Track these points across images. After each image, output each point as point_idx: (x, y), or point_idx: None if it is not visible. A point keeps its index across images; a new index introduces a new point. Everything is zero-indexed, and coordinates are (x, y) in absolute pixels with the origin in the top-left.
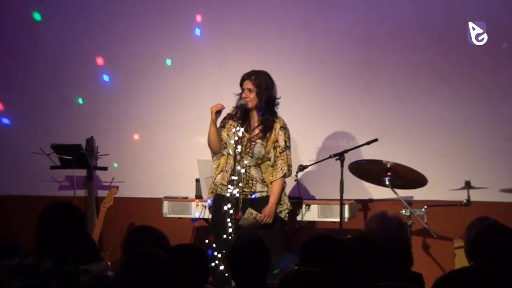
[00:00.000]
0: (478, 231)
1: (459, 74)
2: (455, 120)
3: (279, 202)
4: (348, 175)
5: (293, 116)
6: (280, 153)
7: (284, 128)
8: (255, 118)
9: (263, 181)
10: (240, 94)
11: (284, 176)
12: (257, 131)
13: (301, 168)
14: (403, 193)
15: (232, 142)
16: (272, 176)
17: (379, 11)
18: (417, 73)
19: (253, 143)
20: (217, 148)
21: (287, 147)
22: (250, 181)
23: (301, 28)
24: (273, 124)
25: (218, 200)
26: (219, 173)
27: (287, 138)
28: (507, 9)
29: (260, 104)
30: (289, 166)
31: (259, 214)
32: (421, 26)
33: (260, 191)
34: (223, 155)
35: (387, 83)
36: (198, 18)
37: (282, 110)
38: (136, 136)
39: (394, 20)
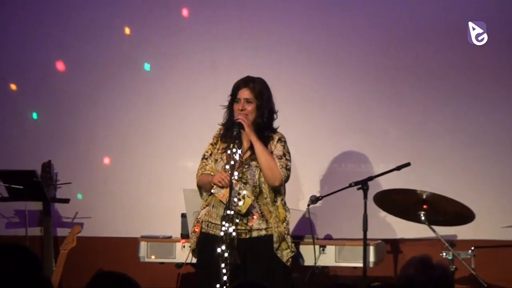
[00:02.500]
0: None
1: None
2: (503, 138)
3: (255, 147)
4: (373, 208)
5: (304, 134)
6: (279, 159)
7: (281, 140)
8: (247, 136)
9: (262, 216)
10: (229, 105)
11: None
12: (249, 152)
13: (314, 199)
14: (443, 231)
15: (228, 167)
16: None
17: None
18: (455, 79)
19: (246, 166)
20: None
21: (287, 159)
22: (246, 217)
23: (317, 30)
24: (269, 140)
25: (204, 241)
26: (203, 208)
27: (286, 151)
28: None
29: (261, 120)
30: (288, 171)
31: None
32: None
33: (258, 229)
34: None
35: (420, 93)
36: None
37: (289, 128)
38: (106, 160)
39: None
